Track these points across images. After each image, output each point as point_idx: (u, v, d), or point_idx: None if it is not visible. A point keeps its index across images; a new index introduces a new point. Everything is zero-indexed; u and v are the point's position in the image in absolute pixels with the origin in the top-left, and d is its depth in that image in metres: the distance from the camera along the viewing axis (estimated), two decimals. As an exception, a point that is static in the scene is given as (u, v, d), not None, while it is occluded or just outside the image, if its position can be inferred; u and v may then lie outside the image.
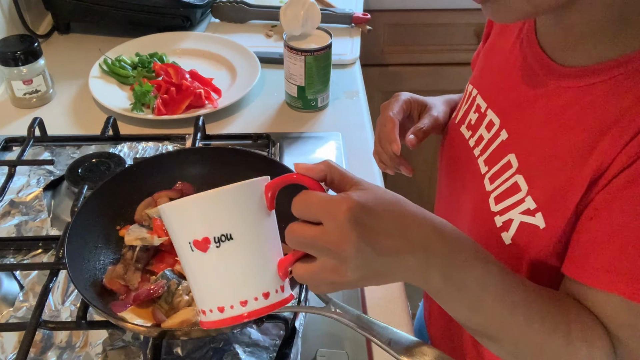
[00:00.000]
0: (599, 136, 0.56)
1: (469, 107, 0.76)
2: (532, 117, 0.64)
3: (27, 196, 0.94)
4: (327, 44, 1.12)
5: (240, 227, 0.51)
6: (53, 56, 1.32)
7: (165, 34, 1.38)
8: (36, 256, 0.85)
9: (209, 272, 0.52)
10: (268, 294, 0.52)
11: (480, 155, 0.71)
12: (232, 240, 0.50)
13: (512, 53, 0.70)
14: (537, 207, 0.61)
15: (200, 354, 0.73)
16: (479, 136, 0.72)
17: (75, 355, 0.73)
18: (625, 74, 0.55)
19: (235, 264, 0.51)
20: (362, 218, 0.48)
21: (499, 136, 0.68)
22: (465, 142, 0.74)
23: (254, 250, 0.52)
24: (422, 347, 0.58)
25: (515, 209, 0.63)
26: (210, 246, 0.50)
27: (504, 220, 0.64)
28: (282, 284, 0.53)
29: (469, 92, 0.77)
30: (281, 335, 0.74)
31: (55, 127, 1.10)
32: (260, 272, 0.52)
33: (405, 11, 1.78)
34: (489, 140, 0.69)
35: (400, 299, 0.83)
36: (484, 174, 0.69)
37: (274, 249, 0.53)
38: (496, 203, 0.66)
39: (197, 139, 1.00)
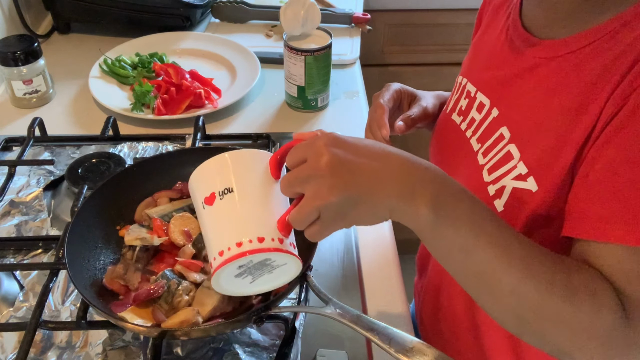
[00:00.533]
0: (584, 95, 0.58)
1: (459, 96, 0.79)
2: (520, 90, 0.67)
3: (27, 196, 0.94)
4: (327, 44, 1.12)
5: (241, 183, 0.59)
6: (53, 56, 1.32)
7: (165, 34, 1.38)
8: (36, 256, 0.85)
9: (215, 221, 0.59)
10: (263, 238, 0.57)
11: (472, 135, 0.73)
12: (233, 192, 0.58)
13: (498, 40, 0.74)
14: (528, 171, 0.63)
15: (200, 354, 0.73)
16: (470, 119, 0.75)
17: (75, 355, 0.73)
18: (606, 37, 0.59)
19: (234, 211, 0.58)
20: (337, 144, 0.54)
21: (490, 114, 0.70)
22: (457, 128, 0.77)
23: (251, 200, 0.58)
24: (422, 347, 0.58)
25: (508, 175, 0.65)
26: (215, 200, 0.59)
27: (496, 188, 0.66)
28: (279, 236, 0.58)
29: (459, 83, 0.81)
30: (281, 335, 0.74)
31: (55, 127, 1.10)
32: (257, 218, 0.58)
33: (405, 11, 1.78)
34: (481, 120, 0.72)
35: (400, 299, 0.83)
36: (477, 151, 0.71)
37: (275, 207, 0.59)
38: (489, 173, 0.68)
39: (197, 139, 1.00)
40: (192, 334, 0.66)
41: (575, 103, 0.59)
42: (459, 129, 0.77)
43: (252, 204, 0.58)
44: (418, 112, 0.85)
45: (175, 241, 0.78)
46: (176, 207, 0.82)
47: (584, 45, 0.61)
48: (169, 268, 0.74)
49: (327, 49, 1.12)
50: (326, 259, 0.87)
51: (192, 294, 0.71)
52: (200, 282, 0.72)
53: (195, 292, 0.71)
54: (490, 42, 0.76)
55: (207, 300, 0.69)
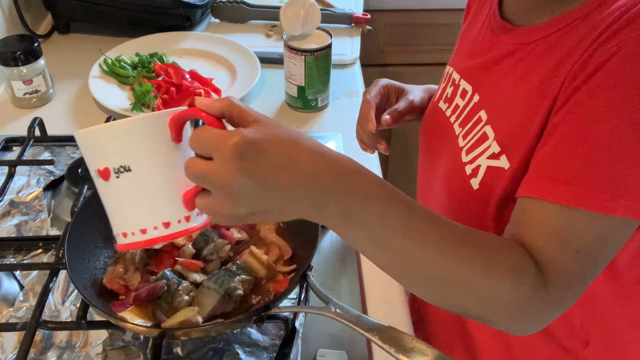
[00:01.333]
0: (550, 75, 0.61)
1: (446, 85, 0.82)
2: (496, 75, 0.70)
3: (27, 196, 0.94)
4: (327, 44, 1.12)
5: (138, 160, 0.52)
6: (53, 56, 1.32)
7: (165, 34, 1.38)
8: (36, 256, 0.85)
9: (112, 200, 0.54)
10: (169, 223, 0.53)
11: (455, 120, 0.76)
12: (131, 172, 0.51)
13: (481, 29, 0.78)
14: (501, 150, 0.66)
15: (200, 354, 0.73)
16: (454, 105, 0.78)
17: (75, 355, 0.73)
18: (577, 21, 0.61)
19: (134, 195, 0.53)
20: (247, 153, 0.48)
21: (472, 100, 0.74)
22: (443, 114, 0.80)
23: (153, 182, 0.53)
24: (422, 347, 0.58)
25: (483, 155, 0.68)
26: (110, 176, 0.52)
27: (473, 167, 0.70)
28: (187, 214, 0.54)
29: (446, 72, 0.84)
30: (281, 335, 0.74)
31: (55, 127, 1.10)
32: (159, 203, 0.53)
33: (405, 11, 1.78)
34: (464, 106, 0.75)
35: (400, 299, 0.83)
36: (458, 134, 0.74)
37: (178, 181, 0.53)
38: (467, 154, 0.71)
39: (197, 139, 1.00)
40: (192, 334, 0.66)
41: (542, 84, 0.62)
42: (444, 116, 0.80)
43: (153, 185, 0.53)
44: (405, 105, 0.88)
45: (176, 241, 0.78)
46: (176, 207, 0.82)
47: (555, 30, 0.64)
48: (169, 268, 0.74)
49: (327, 49, 1.12)
50: (326, 259, 0.87)
51: (192, 294, 0.71)
52: (200, 282, 0.72)
53: (195, 292, 0.71)
54: (474, 31, 0.80)
55: (207, 300, 0.69)
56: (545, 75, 0.62)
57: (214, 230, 0.78)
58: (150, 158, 0.52)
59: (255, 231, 0.81)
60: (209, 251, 0.76)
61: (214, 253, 0.76)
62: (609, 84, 0.54)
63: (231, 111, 0.52)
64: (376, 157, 1.09)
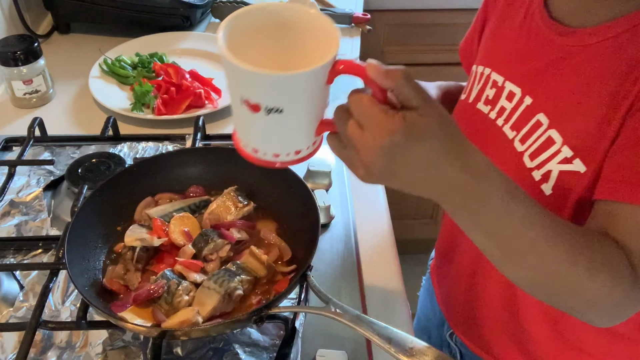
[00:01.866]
0: (624, 78, 0.62)
1: (484, 85, 0.80)
2: (555, 78, 0.70)
3: (27, 196, 0.94)
4: None
5: (294, 106, 0.52)
6: (53, 56, 1.32)
7: (165, 34, 1.38)
8: (36, 256, 0.85)
9: (252, 126, 0.54)
10: (299, 151, 0.57)
11: (504, 123, 0.75)
12: (281, 113, 0.52)
13: (522, 30, 0.76)
14: (574, 154, 0.66)
15: (200, 354, 0.73)
16: (500, 108, 0.76)
17: (75, 355, 0.73)
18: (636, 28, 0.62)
19: (276, 130, 0.54)
20: (397, 150, 0.49)
21: (523, 102, 0.73)
22: (485, 117, 0.79)
23: (299, 122, 0.54)
24: (422, 347, 0.58)
25: (553, 160, 0.68)
26: (260, 112, 0.52)
27: (542, 173, 0.69)
28: (315, 140, 0.57)
29: (480, 73, 0.82)
30: (281, 335, 0.74)
31: (55, 127, 1.10)
32: (298, 136, 0.56)
33: (405, 11, 1.78)
34: (513, 108, 0.74)
35: (400, 299, 0.83)
36: (512, 139, 0.73)
37: (318, 116, 0.55)
38: (531, 160, 0.70)
39: (197, 139, 1.00)
40: (192, 334, 0.66)
41: (615, 86, 0.63)
42: (487, 118, 0.78)
43: (298, 124, 0.54)
44: None
45: (175, 241, 0.78)
46: (176, 207, 0.82)
47: (624, 30, 0.64)
48: (169, 268, 0.74)
49: None
50: (326, 259, 0.87)
51: (192, 294, 0.71)
52: (200, 282, 0.72)
53: (195, 292, 0.71)
54: (511, 33, 0.78)
55: (207, 300, 0.69)
56: (619, 76, 0.62)
57: (214, 230, 0.78)
58: (305, 104, 0.53)
59: (255, 231, 0.81)
60: (209, 251, 0.76)
61: (214, 253, 0.76)
62: None
63: (400, 89, 0.50)
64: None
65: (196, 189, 0.86)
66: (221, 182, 0.86)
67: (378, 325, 0.60)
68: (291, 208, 0.81)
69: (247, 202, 0.83)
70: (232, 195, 0.83)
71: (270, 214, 0.84)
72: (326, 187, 0.96)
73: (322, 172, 0.96)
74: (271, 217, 0.84)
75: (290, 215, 0.82)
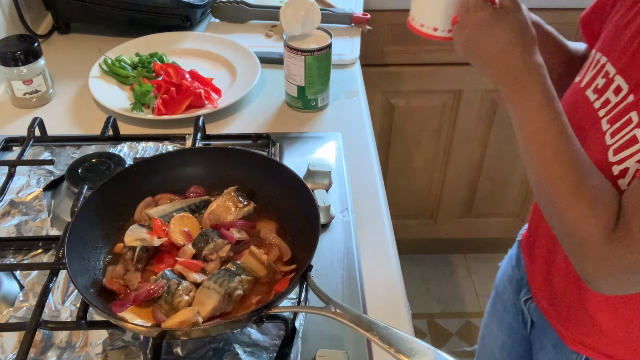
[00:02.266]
0: None
1: (597, 73, 0.81)
2: None
3: (27, 196, 0.94)
4: (327, 44, 1.12)
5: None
6: (53, 56, 1.32)
7: (165, 34, 1.38)
8: (36, 256, 0.85)
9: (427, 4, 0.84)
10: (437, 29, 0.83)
11: (605, 115, 0.77)
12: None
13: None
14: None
15: (200, 354, 0.73)
16: (605, 99, 0.78)
17: (75, 355, 0.73)
18: None
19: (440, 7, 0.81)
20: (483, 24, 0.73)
21: (626, 99, 0.74)
22: (590, 105, 0.80)
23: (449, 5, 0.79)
24: (422, 347, 0.58)
25: (632, 158, 0.70)
26: None
27: (620, 168, 0.72)
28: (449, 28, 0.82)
29: (596, 60, 0.83)
30: (281, 335, 0.74)
31: (55, 127, 1.10)
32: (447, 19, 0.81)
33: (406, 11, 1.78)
34: (616, 103, 0.76)
35: (401, 299, 0.83)
36: (605, 131, 0.76)
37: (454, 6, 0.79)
38: (614, 154, 0.73)
39: (197, 139, 1.00)
40: (192, 334, 0.66)
41: None
42: (591, 107, 0.79)
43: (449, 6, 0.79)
44: None
45: (176, 241, 0.78)
46: (176, 207, 0.82)
47: None
48: (169, 268, 0.74)
49: (327, 49, 1.12)
50: (326, 259, 0.87)
51: (192, 294, 0.71)
52: (200, 282, 0.72)
53: (195, 292, 0.71)
54: (633, 26, 0.77)
55: (207, 300, 0.69)
56: None
57: (214, 230, 0.78)
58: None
59: (255, 231, 0.82)
60: (209, 251, 0.76)
61: (214, 253, 0.76)
62: None
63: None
64: (376, 157, 1.09)
65: (196, 189, 0.86)
66: (221, 182, 0.86)
67: (378, 326, 0.60)
68: (291, 208, 0.81)
69: (247, 202, 0.83)
70: (232, 195, 0.83)
71: (270, 214, 0.84)
72: (326, 187, 0.96)
73: (322, 172, 0.96)
74: (271, 217, 0.84)
75: (290, 215, 0.82)
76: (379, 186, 1.02)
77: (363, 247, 0.90)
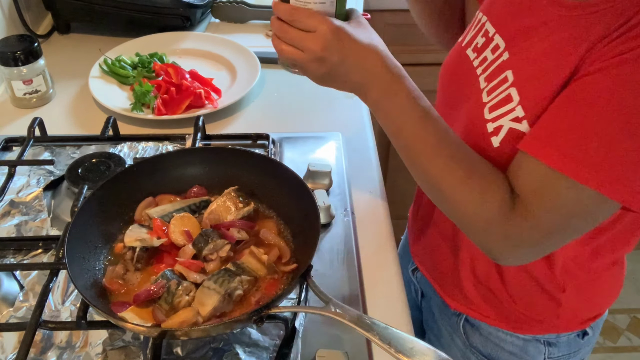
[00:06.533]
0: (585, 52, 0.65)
1: (477, 32, 0.83)
2: (531, 40, 0.72)
3: (27, 196, 0.94)
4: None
5: None
6: (53, 56, 1.32)
7: (165, 34, 1.38)
8: (36, 256, 0.85)
9: None
10: None
11: (482, 73, 0.78)
12: None
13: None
14: (524, 115, 0.70)
15: (200, 354, 0.73)
16: (483, 57, 0.79)
17: (75, 355, 0.73)
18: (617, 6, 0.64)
19: None
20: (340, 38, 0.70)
21: (501, 57, 0.76)
22: (470, 63, 0.82)
23: None
24: (422, 347, 0.58)
25: (506, 116, 0.72)
26: None
27: (495, 126, 0.74)
28: None
29: (478, 19, 0.84)
30: (281, 335, 0.74)
31: (55, 127, 1.10)
32: None
33: (406, 11, 1.77)
34: (492, 60, 0.77)
35: (400, 299, 0.83)
36: (482, 89, 0.77)
37: None
38: (490, 112, 0.75)
39: (197, 139, 1.00)
40: (192, 334, 0.66)
41: (574, 57, 0.66)
42: (471, 65, 0.81)
43: None
44: None
45: (176, 241, 0.78)
46: (176, 207, 0.82)
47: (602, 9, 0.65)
48: (169, 268, 0.74)
49: None
50: (326, 259, 0.87)
51: (192, 294, 0.71)
52: (200, 282, 0.72)
53: (195, 292, 0.71)
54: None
55: (207, 300, 0.69)
56: (579, 52, 0.65)
57: (214, 230, 0.78)
58: None
59: (255, 231, 0.81)
60: (209, 251, 0.76)
61: (214, 253, 0.76)
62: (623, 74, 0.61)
63: None
64: (376, 157, 1.09)
65: (196, 189, 0.86)
66: (221, 182, 0.86)
67: (378, 326, 0.60)
68: (291, 208, 0.81)
69: (247, 202, 0.83)
70: (232, 195, 0.83)
71: (270, 214, 0.84)
72: (326, 187, 0.96)
73: (322, 172, 0.96)
74: (271, 217, 0.84)
75: (290, 215, 0.82)
76: (379, 186, 1.02)
77: (363, 247, 0.90)
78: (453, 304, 0.96)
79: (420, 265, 1.03)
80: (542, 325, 0.90)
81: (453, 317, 0.97)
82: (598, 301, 0.92)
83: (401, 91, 0.72)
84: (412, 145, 0.73)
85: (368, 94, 0.73)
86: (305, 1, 0.72)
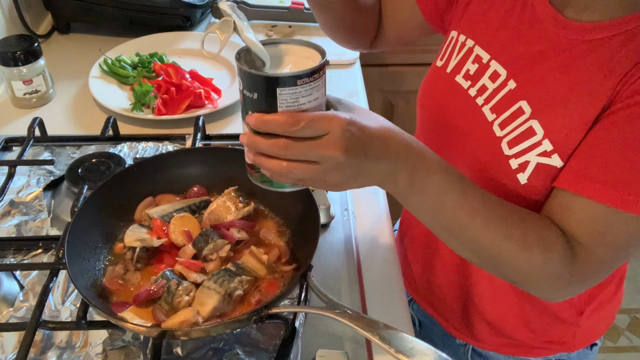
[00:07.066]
0: (614, 79, 0.63)
1: (465, 57, 0.78)
2: (544, 68, 0.69)
3: (27, 196, 0.94)
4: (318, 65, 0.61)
5: None
6: (53, 56, 1.32)
7: (165, 34, 1.38)
8: (36, 256, 0.85)
9: None
10: None
11: (485, 104, 0.74)
12: None
13: (513, 10, 0.73)
14: (553, 149, 0.67)
15: (200, 354, 0.73)
16: (481, 86, 0.75)
17: (75, 355, 0.73)
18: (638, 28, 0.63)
19: None
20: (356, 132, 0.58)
21: (506, 86, 0.72)
22: (464, 92, 0.77)
23: None
24: (422, 347, 0.58)
25: (532, 151, 0.69)
26: None
27: (519, 162, 0.70)
28: None
29: (461, 42, 0.79)
30: (281, 335, 0.74)
31: (55, 127, 1.10)
32: None
33: (405, 11, 1.78)
34: (495, 89, 0.73)
35: (400, 299, 0.83)
36: (492, 121, 0.73)
37: None
38: (510, 147, 0.71)
39: (197, 139, 1.00)
40: (192, 334, 0.66)
41: (606, 87, 0.63)
42: (466, 94, 0.77)
43: None
44: None
45: (176, 241, 0.78)
46: (176, 207, 0.82)
47: (618, 33, 0.64)
48: (169, 268, 0.74)
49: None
50: (326, 259, 0.87)
51: (192, 294, 0.71)
52: (200, 282, 0.72)
53: (195, 292, 0.71)
54: (499, 8, 0.75)
55: (207, 300, 0.69)
56: (607, 79, 0.63)
57: (214, 230, 0.78)
58: None
59: (255, 231, 0.81)
60: (209, 251, 0.76)
61: (214, 253, 0.76)
62: None
63: None
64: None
65: (196, 189, 0.86)
66: (221, 182, 0.86)
67: (378, 325, 0.60)
68: (291, 208, 0.81)
69: (247, 202, 0.83)
70: (232, 195, 0.83)
71: (270, 214, 0.84)
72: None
73: (322, 172, 0.96)
74: (271, 217, 0.84)
75: (290, 215, 0.82)
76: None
77: (363, 247, 0.90)
78: (460, 336, 0.93)
79: (417, 297, 1.00)
80: (556, 346, 0.88)
81: (460, 347, 0.94)
82: (610, 312, 0.91)
83: (432, 166, 0.63)
84: (458, 221, 0.65)
85: (398, 179, 0.62)
86: (299, 103, 0.58)
